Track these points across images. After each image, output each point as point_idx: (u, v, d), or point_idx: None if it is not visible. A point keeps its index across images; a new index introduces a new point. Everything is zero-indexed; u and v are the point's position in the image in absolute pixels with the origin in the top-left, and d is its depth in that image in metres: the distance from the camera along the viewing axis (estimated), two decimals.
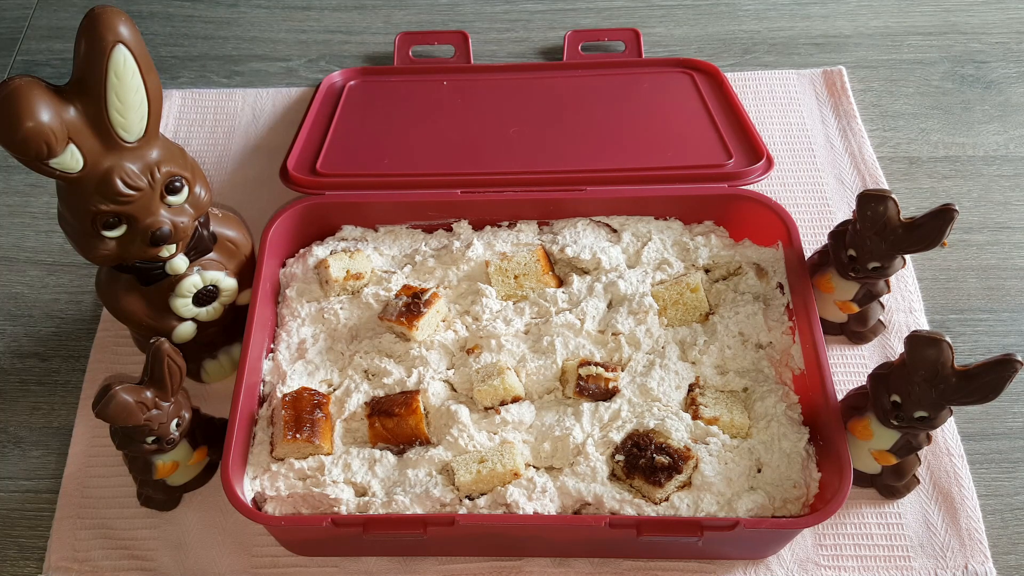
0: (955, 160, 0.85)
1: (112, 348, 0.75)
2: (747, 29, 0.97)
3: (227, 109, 0.91)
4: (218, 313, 0.68)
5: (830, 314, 0.71)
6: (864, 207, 0.63)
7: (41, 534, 0.67)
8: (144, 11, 1.00)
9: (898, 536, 0.65)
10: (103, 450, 0.69)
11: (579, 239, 0.73)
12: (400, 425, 0.63)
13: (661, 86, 0.85)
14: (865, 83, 0.91)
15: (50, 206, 0.85)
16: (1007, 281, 0.77)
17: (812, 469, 0.62)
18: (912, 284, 0.77)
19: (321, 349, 0.69)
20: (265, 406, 0.66)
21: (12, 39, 0.98)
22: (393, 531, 0.58)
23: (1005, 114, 0.88)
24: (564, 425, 0.63)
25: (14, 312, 0.78)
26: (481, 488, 0.61)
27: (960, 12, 0.97)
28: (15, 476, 0.70)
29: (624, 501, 0.60)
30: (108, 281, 0.64)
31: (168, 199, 0.59)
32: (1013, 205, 0.82)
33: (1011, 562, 0.64)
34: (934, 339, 0.55)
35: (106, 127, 0.53)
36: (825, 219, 0.81)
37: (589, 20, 0.98)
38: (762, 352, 0.68)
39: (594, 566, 0.64)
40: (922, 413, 0.57)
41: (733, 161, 0.77)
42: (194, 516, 0.67)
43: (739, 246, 0.73)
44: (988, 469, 0.68)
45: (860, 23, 0.97)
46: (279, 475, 0.62)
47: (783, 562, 0.64)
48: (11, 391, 0.74)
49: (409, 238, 0.75)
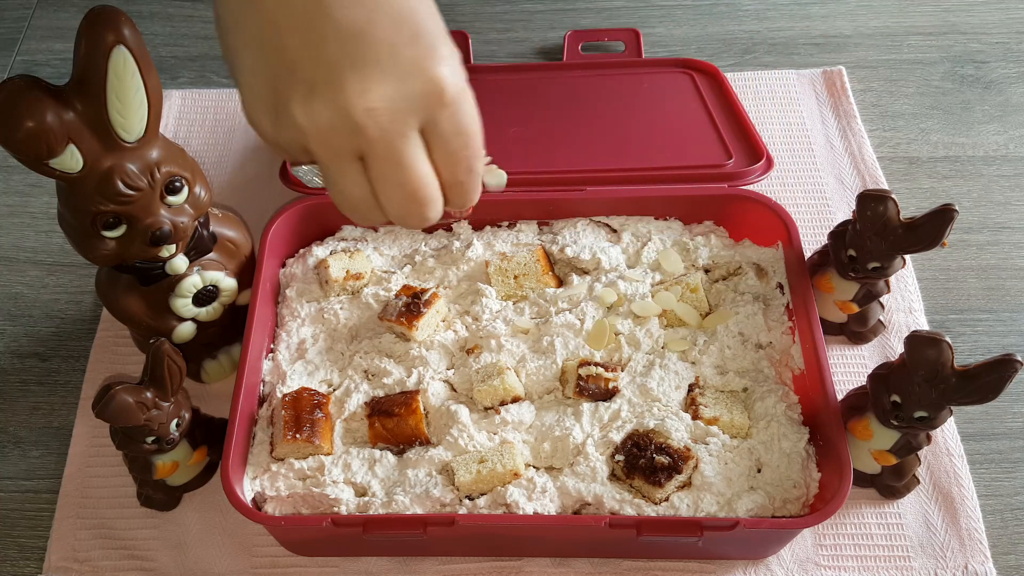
0: (955, 160, 0.85)
1: (112, 348, 0.75)
2: (747, 29, 0.97)
3: (227, 109, 0.91)
4: (218, 313, 0.68)
5: (830, 314, 0.71)
6: (864, 207, 0.63)
7: (41, 534, 0.67)
8: (144, 11, 1.00)
9: (898, 536, 0.65)
10: (103, 450, 0.69)
11: (579, 239, 0.73)
12: (400, 425, 0.63)
13: (661, 86, 0.85)
14: (865, 83, 0.91)
15: (50, 206, 0.85)
16: (1007, 281, 0.78)
17: (812, 469, 0.62)
18: (912, 284, 0.77)
19: (321, 349, 0.69)
20: (265, 406, 0.66)
21: (12, 39, 0.98)
22: (393, 531, 0.58)
23: (1005, 114, 0.88)
24: (564, 425, 0.63)
25: (14, 312, 0.78)
26: (481, 488, 0.61)
27: (960, 12, 0.97)
28: (15, 476, 0.70)
29: (624, 501, 0.60)
30: (108, 281, 0.64)
31: (168, 199, 0.59)
32: (1013, 205, 0.82)
33: (1011, 562, 0.64)
34: (934, 339, 0.55)
35: (106, 127, 0.53)
36: (825, 219, 0.81)
37: (589, 20, 0.98)
38: (762, 352, 0.68)
39: (594, 566, 0.64)
40: (922, 413, 0.57)
41: (733, 161, 0.77)
42: (194, 516, 0.67)
43: (739, 246, 0.73)
44: (988, 469, 0.68)
45: (860, 23, 0.97)
46: (279, 475, 0.62)
47: (783, 562, 0.64)
48: (11, 391, 0.74)
49: (409, 238, 0.75)
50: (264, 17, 0.41)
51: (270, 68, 0.41)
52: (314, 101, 0.41)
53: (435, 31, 0.42)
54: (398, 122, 0.41)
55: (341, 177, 0.44)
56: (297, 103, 0.41)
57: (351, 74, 0.40)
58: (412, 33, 0.41)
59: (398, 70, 0.41)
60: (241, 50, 0.43)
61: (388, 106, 0.41)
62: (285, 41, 0.41)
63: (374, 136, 0.41)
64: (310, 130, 0.41)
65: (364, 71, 0.40)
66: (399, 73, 0.41)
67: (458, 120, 0.43)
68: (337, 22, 0.40)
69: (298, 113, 0.41)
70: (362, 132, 0.41)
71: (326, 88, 0.40)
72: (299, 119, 0.41)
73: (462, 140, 0.44)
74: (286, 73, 0.41)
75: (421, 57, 0.41)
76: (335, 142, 0.42)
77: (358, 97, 0.40)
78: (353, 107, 0.40)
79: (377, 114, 0.41)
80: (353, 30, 0.40)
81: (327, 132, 0.41)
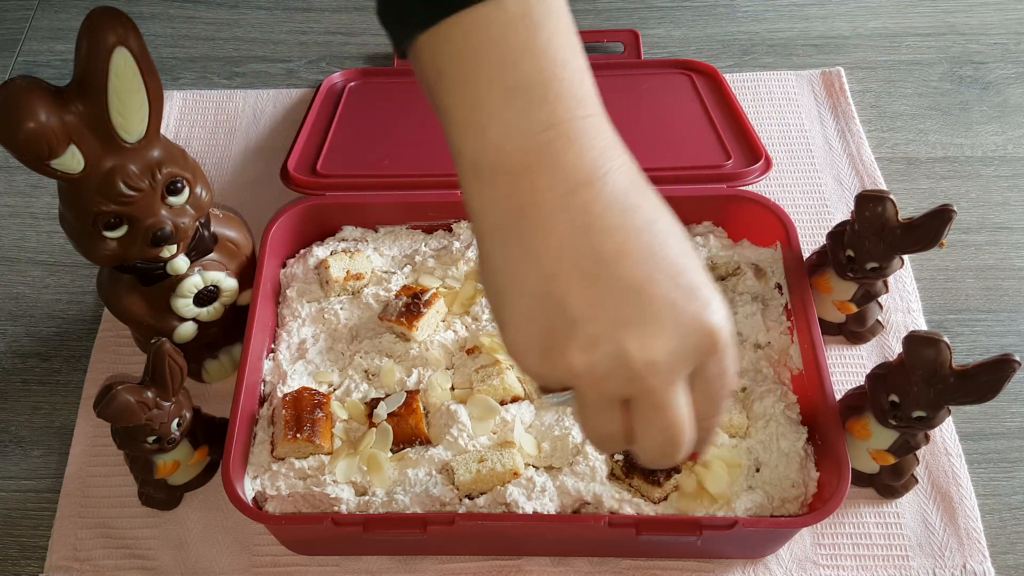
0: (953, 161, 0.86)
1: (113, 348, 0.75)
2: (746, 30, 0.97)
3: (228, 110, 0.91)
4: (219, 313, 0.68)
5: (828, 314, 0.72)
6: (862, 208, 0.63)
7: (42, 533, 0.67)
8: (145, 12, 1.00)
9: (896, 535, 0.65)
10: (104, 450, 0.69)
11: None
12: (400, 425, 0.63)
13: (660, 87, 0.85)
14: (863, 84, 0.91)
15: (51, 207, 0.85)
16: (1005, 281, 0.78)
17: (810, 469, 0.62)
18: (910, 284, 0.77)
19: (321, 349, 0.69)
20: (266, 406, 0.66)
21: (13, 40, 0.99)
22: (393, 530, 0.58)
23: (1003, 115, 0.89)
24: (564, 425, 0.63)
25: (15, 312, 0.78)
26: (481, 488, 0.61)
27: (958, 13, 0.97)
28: (16, 476, 0.70)
29: (623, 500, 0.60)
30: (109, 281, 0.65)
31: (169, 200, 0.59)
32: (1011, 206, 0.82)
33: (1009, 561, 0.64)
34: (932, 339, 0.55)
35: (107, 128, 0.53)
36: (823, 220, 0.81)
37: (588, 21, 0.98)
38: (760, 352, 0.68)
39: (593, 565, 0.64)
40: (920, 413, 0.58)
41: (732, 162, 0.77)
42: (195, 515, 0.67)
43: (738, 247, 0.73)
44: (986, 469, 0.68)
45: (858, 24, 0.97)
46: (279, 475, 0.62)
47: (781, 561, 0.64)
48: (12, 391, 0.74)
49: (409, 238, 0.75)
50: (540, 269, 0.42)
51: (548, 317, 0.42)
52: (595, 352, 0.41)
53: (706, 283, 0.43)
54: (673, 372, 0.42)
55: (602, 415, 0.44)
56: (576, 352, 0.41)
57: (634, 330, 0.41)
58: (688, 287, 0.42)
59: (678, 325, 0.41)
60: (514, 296, 0.43)
61: (668, 359, 0.41)
62: (566, 296, 0.41)
63: (651, 387, 0.42)
64: (586, 375, 0.42)
65: (645, 327, 0.41)
66: (679, 328, 0.41)
67: (722, 365, 0.44)
68: (620, 280, 0.41)
69: (577, 361, 0.41)
70: (639, 382, 0.42)
71: (608, 340, 0.41)
72: (577, 366, 0.42)
73: (723, 381, 0.44)
74: (566, 324, 0.41)
75: (698, 311, 0.42)
76: (609, 388, 0.42)
77: (640, 351, 0.41)
78: (635, 360, 0.41)
79: (657, 367, 0.41)
80: (635, 287, 0.41)
81: (603, 380, 0.42)
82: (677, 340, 0.41)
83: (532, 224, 0.41)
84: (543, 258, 0.42)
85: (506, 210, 0.42)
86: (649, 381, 0.41)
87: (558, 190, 0.41)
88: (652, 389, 0.42)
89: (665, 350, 0.41)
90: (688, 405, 0.43)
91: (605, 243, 0.41)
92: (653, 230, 0.42)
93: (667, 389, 0.42)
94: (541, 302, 0.42)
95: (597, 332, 0.41)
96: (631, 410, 0.43)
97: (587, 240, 0.41)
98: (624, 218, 0.42)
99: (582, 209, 0.41)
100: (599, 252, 0.41)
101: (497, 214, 0.43)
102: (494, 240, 0.43)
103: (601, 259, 0.41)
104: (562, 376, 0.43)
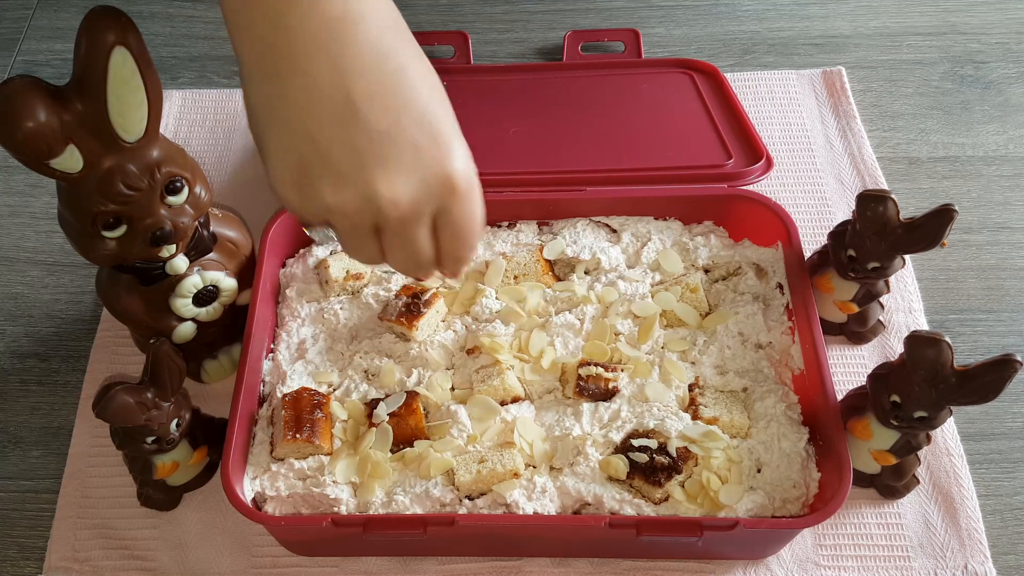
0: (955, 160, 0.86)
1: (112, 348, 0.75)
2: (747, 30, 0.97)
3: (227, 109, 0.91)
4: (218, 313, 0.68)
5: (830, 314, 0.71)
6: (864, 207, 0.63)
7: (41, 534, 0.67)
8: (144, 11, 1.00)
9: (898, 536, 0.65)
10: (103, 450, 0.69)
11: (579, 239, 0.73)
12: (400, 425, 0.63)
13: (661, 86, 0.85)
14: (864, 83, 0.91)
15: (50, 206, 0.85)
16: (1007, 281, 0.78)
17: (812, 469, 0.62)
18: (912, 284, 0.77)
19: (321, 349, 0.69)
20: (265, 406, 0.66)
21: (12, 39, 0.98)
22: (393, 531, 0.58)
23: (1005, 114, 0.89)
24: (564, 425, 0.63)
25: (14, 312, 0.78)
26: (481, 488, 0.61)
27: (959, 12, 0.97)
28: (15, 476, 0.70)
29: (624, 501, 0.60)
30: (108, 281, 0.64)
31: (168, 199, 0.59)
32: (1013, 205, 0.82)
33: (1011, 562, 0.64)
34: (934, 339, 0.55)
35: (106, 127, 0.53)
36: (825, 219, 0.81)
37: (589, 20, 0.98)
38: (762, 352, 0.68)
39: (594, 566, 0.64)
40: (922, 413, 0.57)
41: (733, 161, 0.77)
42: (194, 516, 0.67)
43: (739, 246, 0.73)
44: (988, 469, 0.68)
45: (859, 23, 0.97)
46: (279, 475, 0.62)
47: (783, 562, 0.64)
48: (11, 391, 0.74)
49: None
50: (295, 107, 0.45)
51: (300, 151, 0.46)
52: (344, 189, 0.46)
53: (451, 131, 0.48)
54: (416, 211, 0.48)
55: (357, 243, 0.51)
56: (327, 187, 0.46)
57: (379, 170, 0.46)
58: (432, 134, 0.47)
59: (420, 167, 0.47)
60: (271, 130, 0.47)
61: (410, 198, 0.47)
62: (316, 132, 0.45)
63: (394, 221, 0.48)
64: (337, 210, 0.47)
65: (390, 167, 0.46)
66: (421, 170, 0.47)
67: (465, 208, 0.50)
68: (367, 123, 0.45)
69: (327, 195, 0.47)
70: (384, 216, 0.47)
71: (356, 179, 0.46)
72: (328, 200, 0.47)
73: (468, 222, 0.51)
74: (317, 159, 0.46)
75: (440, 156, 0.47)
76: (358, 221, 0.48)
77: (384, 189, 0.46)
78: (380, 197, 0.46)
79: (400, 204, 0.47)
80: (381, 131, 0.46)
81: (353, 213, 0.47)
82: (418, 182, 0.47)
83: (291, 65, 0.45)
84: (299, 97, 0.45)
85: (264, 50, 0.45)
86: (393, 216, 0.47)
87: (310, 28, 0.44)
88: (396, 223, 0.48)
89: (407, 190, 0.47)
90: (429, 239, 0.50)
91: (356, 84, 0.45)
92: (404, 75, 0.46)
93: (409, 224, 0.48)
94: (296, 138, 0.46)
95: (346, 171, 0.46)
96: (382, 239, 0.50)
97: (341, 80, 0.45)
98: (377, 62, 0.45)
99: (337, 52, 0.44)
100: (350, 93, 0.45)
101: (257, 55, 0.46)
102: (256, 80, 0.47)
103: (351, 101, 0.45)
104: (317, 210, 0.48)
